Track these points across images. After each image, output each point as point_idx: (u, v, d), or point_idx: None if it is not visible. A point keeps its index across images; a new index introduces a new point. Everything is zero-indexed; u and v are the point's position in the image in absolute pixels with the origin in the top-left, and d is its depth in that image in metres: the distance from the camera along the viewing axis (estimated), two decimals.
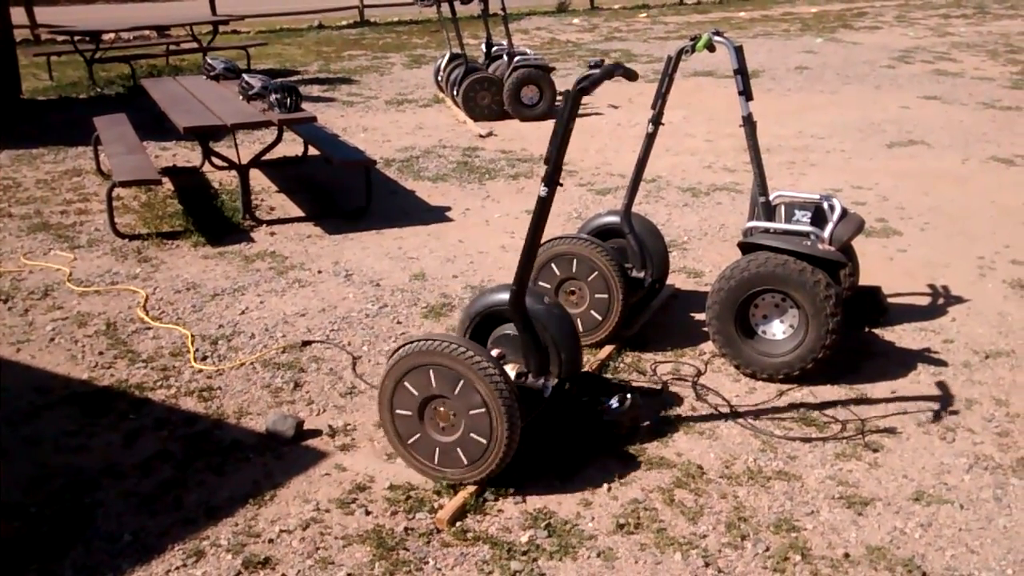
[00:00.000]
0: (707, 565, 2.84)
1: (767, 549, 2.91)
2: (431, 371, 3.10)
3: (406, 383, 3.16)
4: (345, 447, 3.52)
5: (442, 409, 3.15)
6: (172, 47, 12.96)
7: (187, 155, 7.99)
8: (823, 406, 3.78)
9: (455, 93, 9.48)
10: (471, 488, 3.15)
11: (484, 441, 3.09)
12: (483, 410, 3.05)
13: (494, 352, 3.47)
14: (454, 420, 3.14)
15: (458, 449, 3.15)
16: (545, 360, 3.40)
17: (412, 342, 3.14)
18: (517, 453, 3.15)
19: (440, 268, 5.34)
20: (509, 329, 3.47)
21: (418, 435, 3.22)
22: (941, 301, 4.82)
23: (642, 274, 4.46)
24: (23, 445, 3.54)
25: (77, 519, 3.08)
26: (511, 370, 3.37)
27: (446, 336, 3.13)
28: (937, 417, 3.70)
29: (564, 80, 11.11)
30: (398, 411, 3.22)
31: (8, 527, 3.05)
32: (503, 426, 3.04)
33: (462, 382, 3.05)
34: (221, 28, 13.62)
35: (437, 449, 3.19)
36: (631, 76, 3.24)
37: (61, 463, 3.41)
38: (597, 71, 3.11)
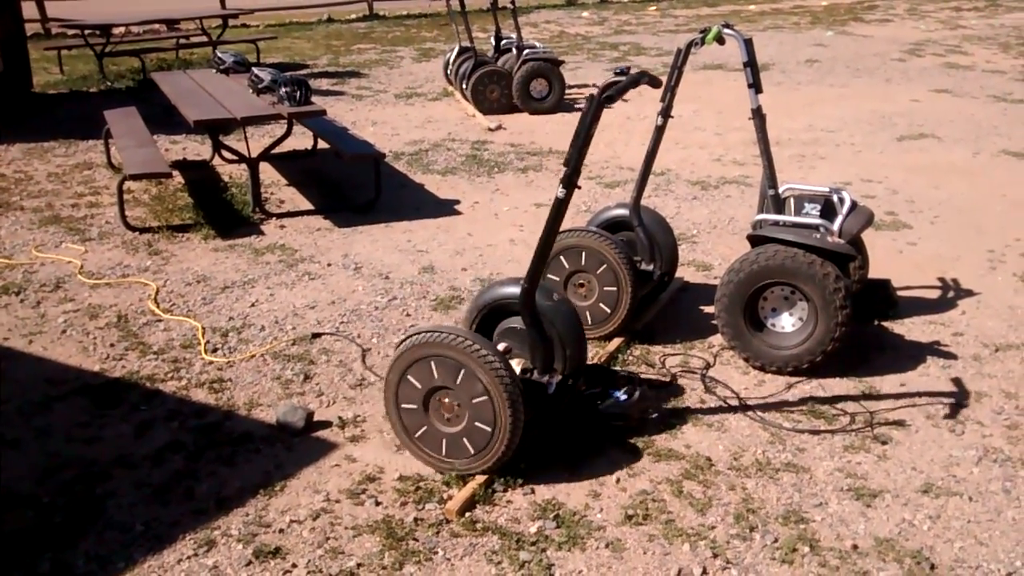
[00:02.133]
0: (715, 556, 2.85)
1: (776, 540, 2.92)
2: (432, 363, 3.12)
3: (409, 377, 3.19)
4: (355, 438, 3.53)
5: (446, 400, 3.17)
6: (182, 41, 12.98)
7: (197, 148, 8.01)
8: (832, 399, 3.77)
9: (464, 86, 9.48)
10: (480, 479, 3.17)
11: (489, 429, 3.11)
12: (485, 398, 3.07)
13: (501, 346, 3.48)
14: (458, 410, 3.16)
15: (464, 439, 3.17)
16: (551, 357, 3.41)
17: (412, 336, 3.16)
18: (524, 447, 3.17)
19: (449, 261, 5.35)
20: (516, 322, 3.48)
21: (424, 427, 3.24)
22: (951, 294, 4.81)
23: (651, 267, 4.46)
24: (35, 436, 3.57)
25: (89, 509, 3.11)
26: (516, 365, 3.38)
27: (444, 327, 3.16)
28: (946, 410, 3.69)
29: (573, 74, 11.11)
30: (403, 405, 3.24)
31: (21, 517, 3.07)
32: (506, 412, 3.06)
33: (463, 371, 3.08)
34: (231, 22, 13.61)
35: (444, 440, 3.21)
36: (656, 84, 3.26)
37: (73, 454, 3.44)
38: (623, 79, 3.13)
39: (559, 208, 3.16)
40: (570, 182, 3.11)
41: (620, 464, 3.33)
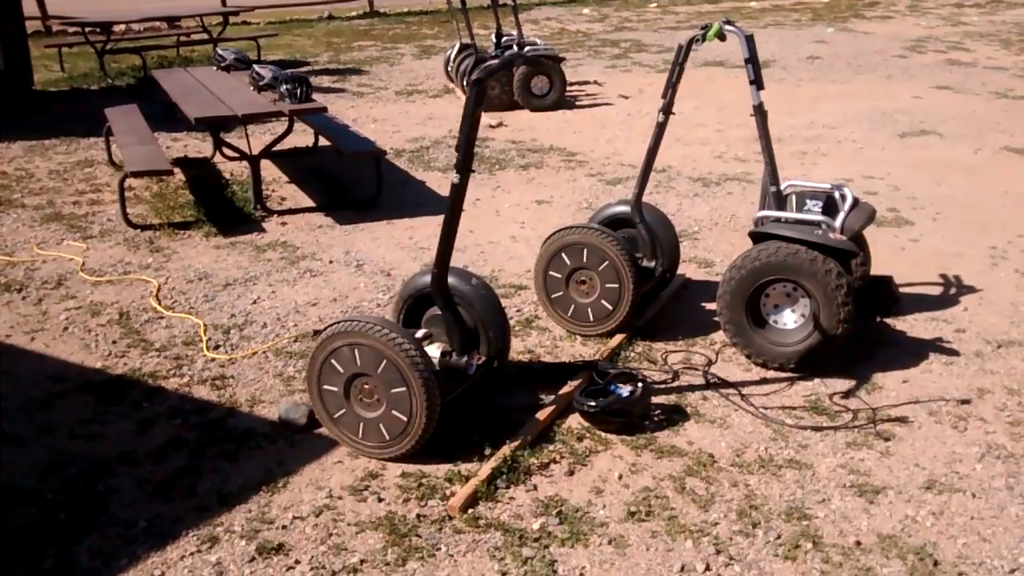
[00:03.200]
0: (718, 552, 2.85)
1: (778, 537, 2.91)
2: (356, 350, 3.21)
3: (333, 361, 3.28)
4: None
5: (367, 387, 3.27)
6: (183, 38, 12.97)
7: (198, 146, 8.01)
8: (834, 395, 3.77)
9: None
10: (483, 475, 3.17)
11: (404, 419, 3.21)
12: (404, 389, 3.17)
13: (421, 332, 3.57)
14: (377, 397, 3.25)
15: (380, 425, 3.26)
16: (470, 339, 3.52)
17: (339, 322, 3.26)
18: (442, 427, 3.27)
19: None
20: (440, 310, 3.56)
21: (344, 410, 3.34)
22: (953, 291, 4.81)
23: (653, 264, 4.46)
24: (38, 433, 3.57)
25: (92, 506, 3.11)
26: (437, 349, 3.47)
27: (370, 317, 3.27)
28: (949, 406, 3.69)
29: (573, 71, 11.10)
30: (325, 387, 3.34)
31: (24, 514, 3.07)
32: (422, 405, 3.16)
33: (384, 361, 3.17)
34: (231, 19, 13.60)
35: (361, 424, 3.31)
36: (529, 63, 3.40)
37: (76, 451, 3.44)
38: (496, 62, 3.35)
39: (456, 193, 3.27)
40: (463, 167, 3.23)
41: (623, 461, 3.34)
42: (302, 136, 7.75)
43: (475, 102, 3.19)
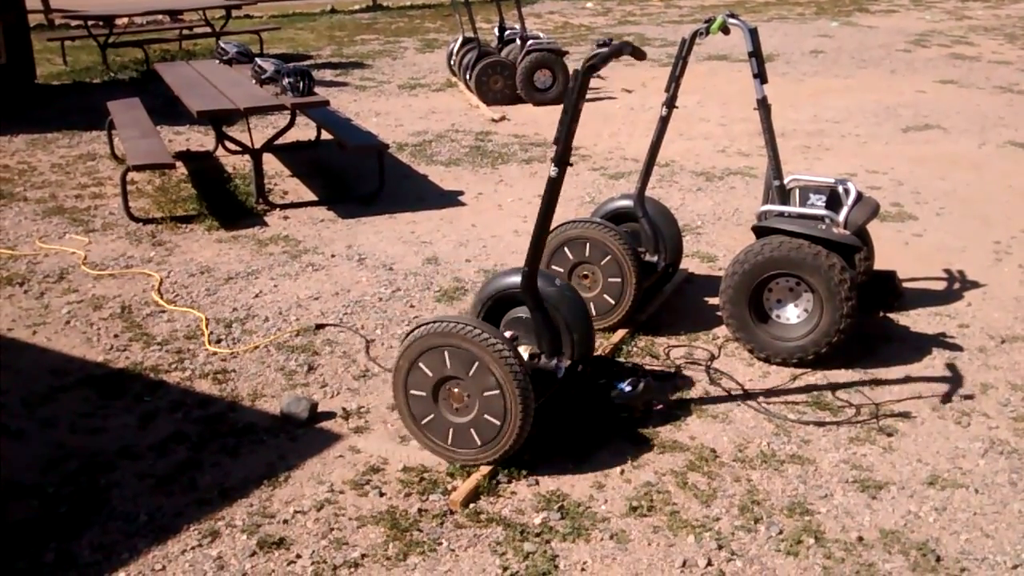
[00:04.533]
0: (720, 548, 2.84)
1: (781, 532, 2.91)
2: (446, 352, 3.11)
3: (421, 364, 3.17)
4: (359, 429, 3.53)
5: (456, 390, 3.16)
6: (185, 31, 12.98)
7: (201, 139, 8.00)
8: (837, 390, 3.76)
9: (468, 77, 9.45)
10: (484, 470, 3.16)
11: (498, 423, 3.10)
12: (497, 392, 3.06)
13: (507, 334, 3.47)
14: (468, 401, 3.15)
15: (472, 430, 3.16)
16: (558, 341, 3.41)
17: (427, 323, 3.15)
18: (532, 434, 3.16)
19: (453, 252, 5.34)
20: (522, 312, 3.48)
21: (432, 416, 3.23)
22: (957, 286, 4.79)
23: (655, 258, 4.45)
24: (40, 427, 3.57)
25: (93, 500, 3.11)
26: (524, 352, 3.37)
27: (461, 318, 3.14)
28: (952, 401, 3.68)
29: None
30: (412, 392, 3.23)
31: (26, 508, 3.07)
32: (517, 408, 3.06)
33: (477, 364, 3.06)
34: (234, 12, 13.61)
35: (451, 430, 3.20)
36: (639, 55, 3.24)
37: (77, 444, 3.44)
38: (605, 49, 3.11)
39: (553, 187, 3.16)
40: (562, 160, 3.12)
41: (624, 455, 3.33)
42: (304, 130, 7.74)
43: (579, 93, 3.03)
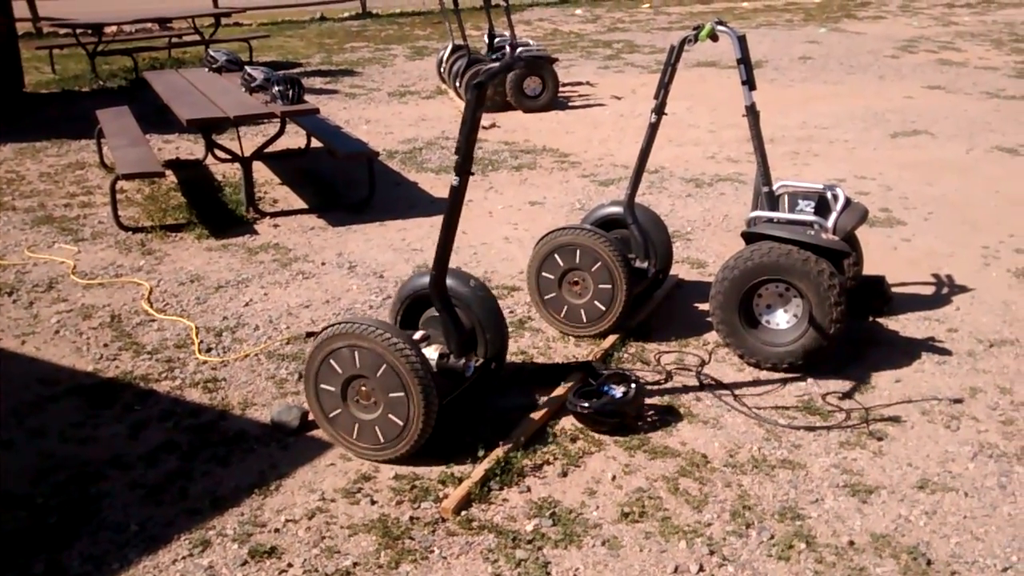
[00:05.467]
0: (712, 553, 2.85)
1: (772, 537, 2.91)
2: (356, 352, 3.20)
3: (332, 361, 3.26)
4: None
5: (364, 388, 3.26)
6: (174, 40, 12.94)
7: (190, 148, 7.99)
8: (827, 395, 3.77)
9: (458, 84, 9.46)
10: (476, 477, 3.16)
11: (401, 423, 3.20)
12: (402, 394, 3.16)
13: (419, 333, 3.56)
14: (375, 399, 3.24)
15: (376, 428, 3.26)
16: (469, 341, 3.52)
17: (339, 323, 3.25)
18: (438, 430, 3.26)
19: None
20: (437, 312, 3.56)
21: (339, 411, 3.32)
22: (945, 290, 4.81)
23: (645, 264, 4.45)
24: (29, 437, 3.55)
25: (83, 510, 3.10)
26: (434, 351, 3.45)
27: (371, 320, 3.26)
28: (941, 406, 3.69)
29: (567, 71, 11.10)
30: (323, 386, 3.32)
31: (15, 518, 3.06)
32: (420, 411, 3.16)
33: (384, 366, 3.16)
34: (223, 20, 13.57)
35: (356, 425, 3.30)
36: (513, 68, 3.41)
37: (67, 454, 3.42)
38: (496, 66, 3.37)
39: (455, 196, 3.27)
40: (463, 169, 3.22)
41: (616, 462, 3.33)
42: (294, 138, 7.74)
43: (475, 105, 3.17)
